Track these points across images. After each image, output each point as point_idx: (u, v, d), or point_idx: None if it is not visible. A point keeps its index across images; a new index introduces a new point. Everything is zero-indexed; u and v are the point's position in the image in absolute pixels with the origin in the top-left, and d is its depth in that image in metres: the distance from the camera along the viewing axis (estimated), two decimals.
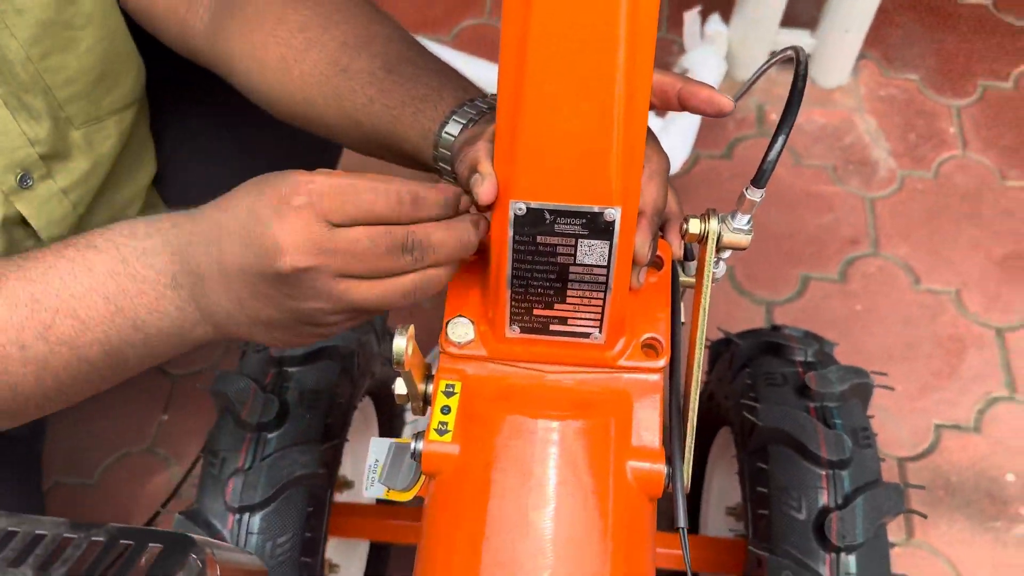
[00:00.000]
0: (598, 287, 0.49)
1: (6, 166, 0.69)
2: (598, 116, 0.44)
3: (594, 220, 0.47)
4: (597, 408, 0.52)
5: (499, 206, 0.48)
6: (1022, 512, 1.17)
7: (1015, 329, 1.32)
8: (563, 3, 0.41)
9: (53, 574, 0.32)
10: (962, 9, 1.71)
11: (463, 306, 0.54)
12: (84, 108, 0.74)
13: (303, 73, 0.64)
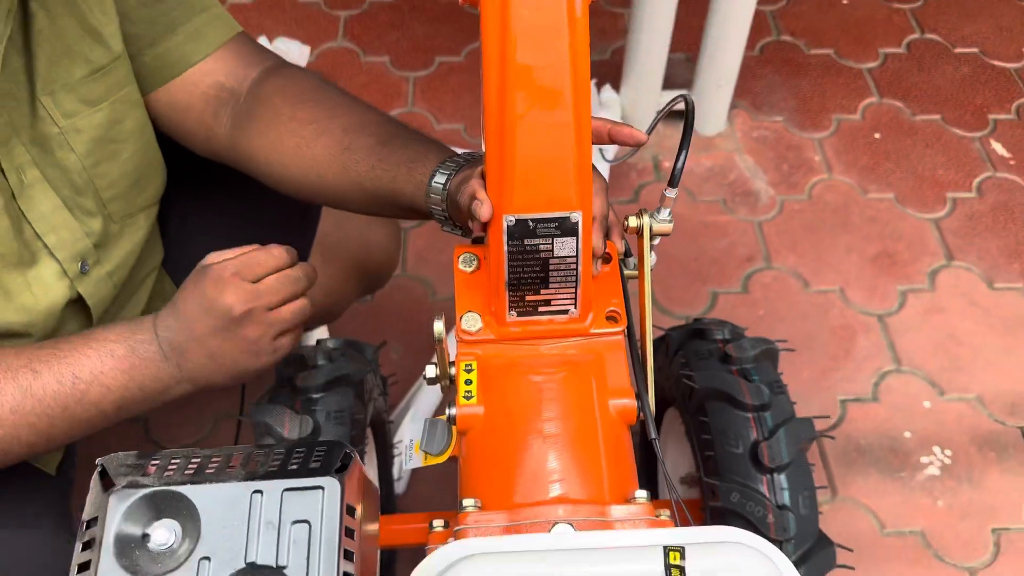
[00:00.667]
0: (571, 273, 0.68)
1: (71, 256, 0.84)
2: (560, 149, 0.64)
3: (564, 222, 0.66)
4: (580, 364, 0.71)
5: (494, 222, 0.67)
6: (922, 461, 1.40)
7: (892, 314, 1.57)
8: (530, 78, 0.61)
9: (259, 471, 0.48)
10: (811, 58, 2.03)
11: (470, 303, 0.72)
12: (122, 206, 0.90)
13: (315, 155, 0.82)
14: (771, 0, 2.16)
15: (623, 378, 0.71)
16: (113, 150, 0.86)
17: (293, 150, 0.83)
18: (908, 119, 1.91)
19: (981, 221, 1.72)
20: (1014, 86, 1.99)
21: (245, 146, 0.86)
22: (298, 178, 0.84)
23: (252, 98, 0.86)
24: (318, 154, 0.82)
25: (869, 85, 1.98)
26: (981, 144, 1.86)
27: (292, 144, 0.83)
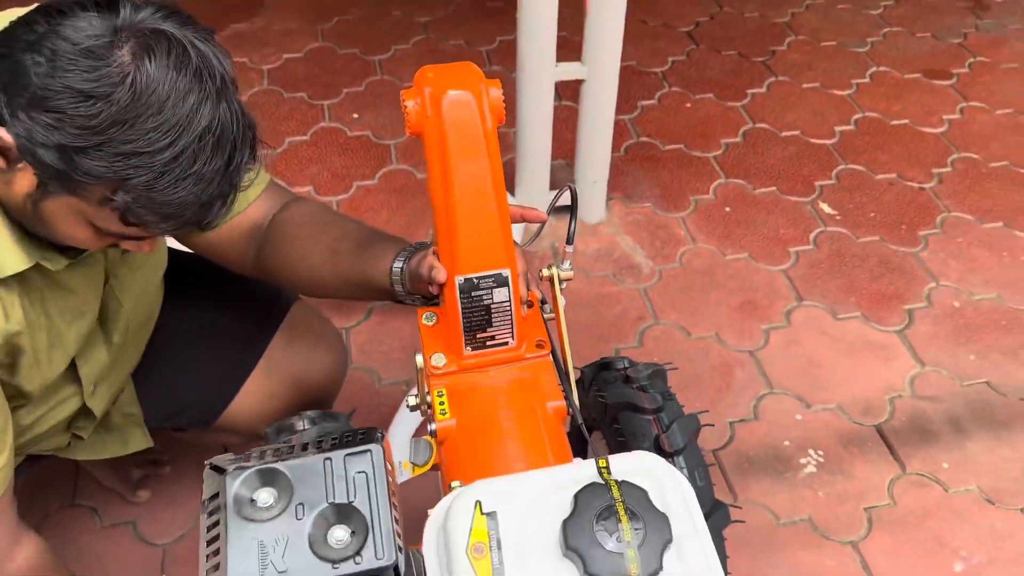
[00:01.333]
0: (507, 313, 0.95)
1: (91, 381, 1.07)
2: (490, 227, 0.92)
3: (498, 277, 0.94)
4: (522, 381, 0.97)
5: (449, 284, 0.93)
6: (801, 462, 1.69)
7: (760, 349, 1.90)
8: (463, 181, 0.90)
9: (325, 447, 0.71)
10: (667, 153, 2.42)
11: (435, 347, 0.98)
12: (139, 335, 1.13)
13: (312, 262, 1.08)
14: (628, 110, 2.57)
15: (554, 387, 0.97)
16: (145, 301, 1.10)
17: (298, 260, 1.09)
18: (751, 193, 2.31)
19: (820, 267, 2.10)
20: (832, 157, 2.43)
21: (266, 264, 1.13)
22: (303, 279, 1.11)
23: (270, 227, 1.12)
24: (314, 262, 1.08)
25: (716, 169, 2.38)
26: (812, 206, 2.27)
27: (297, 256, 1.09)
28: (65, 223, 0.84)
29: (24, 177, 0.80)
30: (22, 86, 0.75)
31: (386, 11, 3.00)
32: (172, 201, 0.80)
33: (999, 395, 1.83)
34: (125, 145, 0.76)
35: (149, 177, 0.78)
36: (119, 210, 0.80)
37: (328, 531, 0.68)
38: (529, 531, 0.69)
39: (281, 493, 0.70)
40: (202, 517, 0.70)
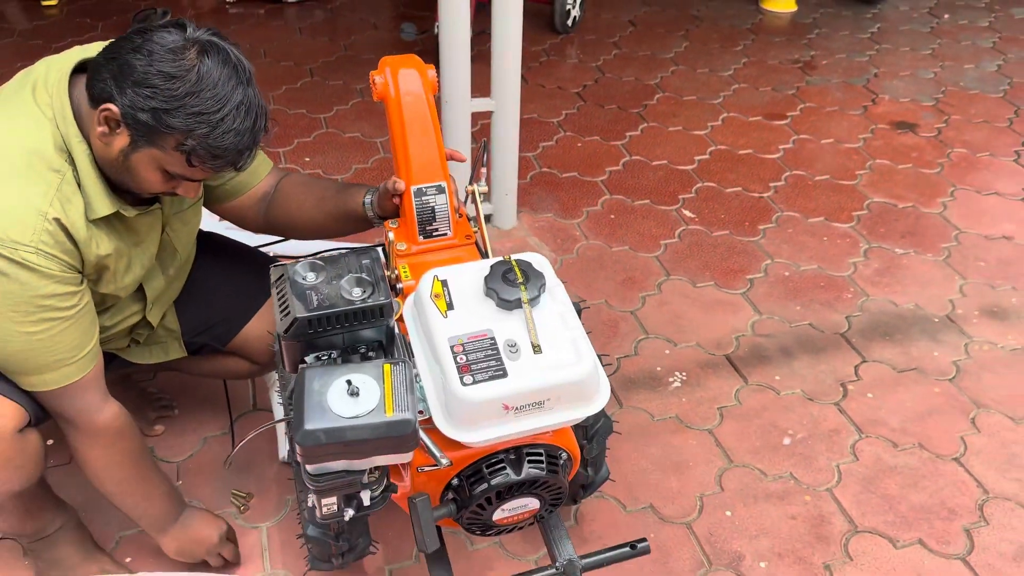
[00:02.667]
0: (445, 212, 1.47)
1: (151, 299, 1.55)
2: (432, 153, 1.46)
3: (439, 187, 1.46)
4: (455, 256, 1.48)
5: (406, 192, 1.46)
6: (669, 380, 2.22)
7: (639, 310, 2.45)
8: (413, 126, 1.44)
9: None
10: (564, 179, 3.02)
11: (399, 236, 1.49)
12: (181, 271, 1.62)
13: (306, 211, 1.60)
14: (532, 149, 3.18)
15: (477, 258, 1.49)
16: (189, 247, 1.60)
17: (296, 212, 1.62)
18: (630, 204, 2.91)
19: (683, 253, 2.69)
20: (692, 178, 3.06)
21: (273, 219, 1.65)
22: (301, 224, 1.63)
23: (273, 195, 1.65)
24: (307, 210, 1.60)
25: (603, 189, 2.98)
26: (676, 212, 2.88)
27: (295, 209, 1.62)
28: (145, 170, 1.32)
29: (121, 138, 1.29)
30: (128, 74, 1.25)
31: (326, 80, 3.59)
32: (221, 146, 1.28)
33: (818, 331, 2.42)
34: (193, 108, 1.26)
35: (207, 130, 1.26)
36: (187, 153, 1.27)
37: (352, 290, 1.17)
38: (464, 286, 1.21)
39: (319, 272, 1.19)
40: (273, 292, 1.19)
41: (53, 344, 1.31)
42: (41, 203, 1.26)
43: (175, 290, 1.67)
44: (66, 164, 1.30)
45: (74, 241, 1.30)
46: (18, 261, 1.23)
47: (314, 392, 1.03)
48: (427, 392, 1.15)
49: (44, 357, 1.31)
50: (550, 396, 1.11)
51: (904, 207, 2.96)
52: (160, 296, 1.61)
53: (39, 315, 1.28)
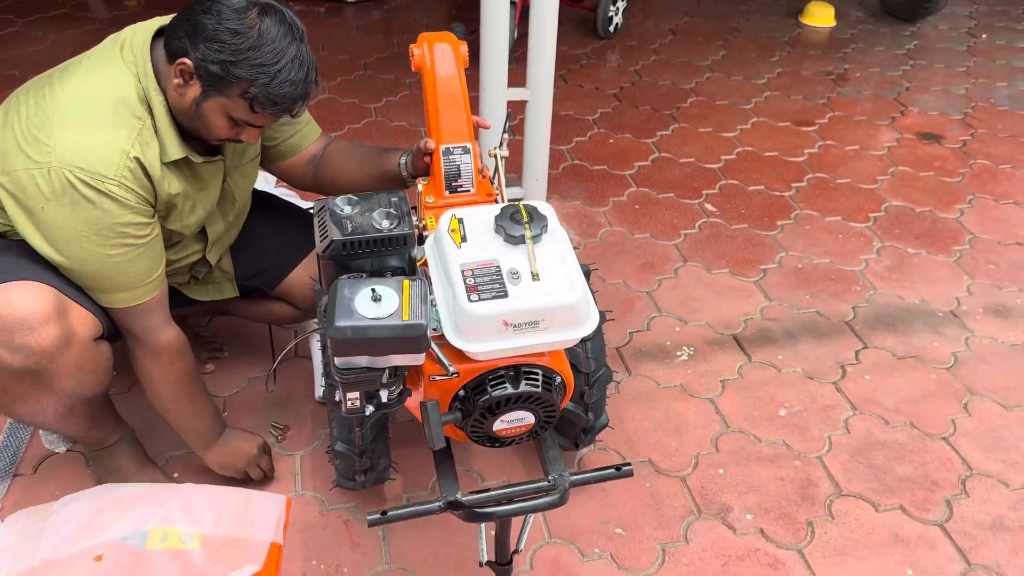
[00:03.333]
0: (470, 170, 1.67)
1: (212, 239, 1.77)
2: (460, 118, 1.65)
3: (465, 148, 1.66)
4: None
5: (436, 151, 1.65)
6: (677, 354, 2.38)
7: (654, 291, 2.61)
8: (445, 95, 1.64)
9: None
10: (593, 171, 3.20)
11: (428, 191, 1.68)
12: (239, 217, 1.83)
13: (349, 171, 1.82)
14: (565, 143, 3.37)
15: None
16: (246, 197, 1.81)
17: (339, 172, 1.84)
18: (655, 197, 3.08)
19: (701, 243, 2.85)
20: (717, 176, 3.22)
21: (320, 178, 1.88)
22: (343, 182, 1.84)
23: (321, 159, 1.88)
24: (350, 172, 1.83)
25: (630, 182, 3.16)
26: (699, 206, 3.04)
27: (339, 170, 1.84)
28: (214, 116, 1.52)
29: (193, 88, 1.50)
30: (200, 32, 1.45)
31: (378, 74, 3.83)
32: (279, 94, 1.47)
33: (824, 318, 2.56)
34: (255, 60, 1.45)
35: (267, 79, 1.46)
36: (250, 100, 1.47)
37: (381, 221, 1.37)
38: (477, 224, 1.40)
39: (355, 206, 1.39)
40: (315, 220, 1.39)
41: (127, 267, 1.53)
42: (125, 144, 1.47)
43: (232, 236, 1.88)
44: (146, 113, 1.51)
45: (150, 179, 1.52)
46: (103, 191, 1.44)
47: (344, 297, 1.22)
48: (440, 312, 1.34)
49: (119, 278, 1.53)
50: (544, 317, 1.29)
51: (921, 211, 3.07)
52: (219, 239, 1.82)
53: (117, 240, 1.49)
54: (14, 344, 1.45)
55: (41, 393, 1.54)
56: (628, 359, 2.36)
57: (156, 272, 1.59)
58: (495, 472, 1.99)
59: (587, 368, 1.72)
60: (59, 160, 1.41)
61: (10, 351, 1.45)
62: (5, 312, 1.44)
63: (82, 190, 1.42)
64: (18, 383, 1.51)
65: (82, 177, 1.42)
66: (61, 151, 1.42)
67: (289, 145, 1.85)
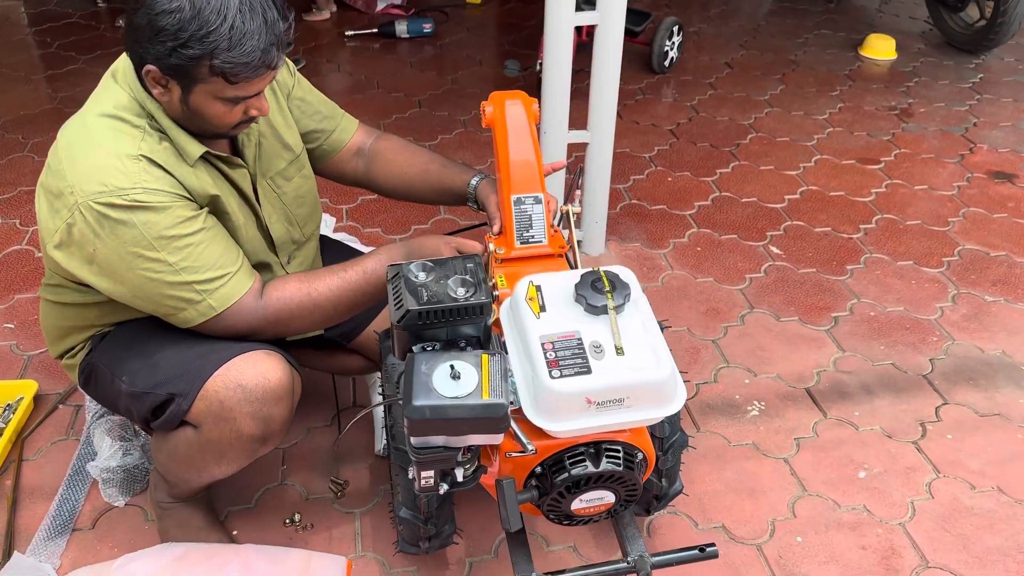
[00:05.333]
0: (541, 221, 1.60)
1: (284, 252, 1.72)
2: (532, 170, 1.60)
3: (536, 198, 1.60)
4: (549, 268, 1.61)
5: (507, 200, 1.60)
6: (747, 409, 2.28)
7: (720, 339, 2.52)
8: (518, 147, 1.59)
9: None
10: (652, 212, 3.12)
11: (499, 243, 1.62)
12: (307, 229, 1.78)
13: (410, 176, 1.79)
14: (623, 181, 3.30)
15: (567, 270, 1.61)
16: (300, 200, 1.76)
17: (399, 174, 1.80)
18: (717, 238, 2.99)
19: (768, 288, 2.75)
20: (781, 216, 3.12)
21: (372, 178, 1.84)
22: (399, 188, 1.82)
23: (371, 152, 1.84)
24: (411, 176, 1.79)
25: (691, 222, 3.07)
26: (763, 248, 2.95)
27: (398, 172, 1.80)
28: (207, 107, 1.43)
29: (174, 89, 1.41)
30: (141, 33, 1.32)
31: (433, 111, 3.80)
32: (244, 52, 1.34)
33: (901, 372, 2.44)
34: (201, 31, 1.32)
35: (224, 44, 1.32)
36: (219, 72, 1.36)
37: (457, 289, 1.31)
38: (556, 292, 1.33)
39: (430, 273, 1.33)
40: (389, 287, 1.34)
41: (201, 259, 1.44)
42: (130, 148, 1.42)
43: (308, 252, 1.82)
44: (146, 120, 1.46)
45: (167, 171, 1.44)
46: (133, 204, 1.38)
47: (421, 373, 1.16)
48: (518, 385, 1.27)
49: (202, 274, 1.45)
50: (629, 395, 1.21)
51: (996, 255, 2.94)
52: (291, 250, 1.75)
53: (173, 245, 1.42)
54: (262, 414, 1.49)
55: (249, 456, 1.57)
56: (696, 414, 2.27)
57: (238, 260, 1.51)
58: (560, 536, 1.91)
59: (662, 433, 1.64)
60: (82, 196, 1.37)
61: (256, 421, 1.49)
62: (262, 383, 1.47)
63: (114, 215, 1.38)
64: (240, 448, 1.53)
65: (107, 201, 1.37)
66: (79, 186, 1.38)
67: (332, 142, 1.83)
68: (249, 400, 1.48)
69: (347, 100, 3.84)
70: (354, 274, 1.56)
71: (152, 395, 1.54)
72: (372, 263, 1.58)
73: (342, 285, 1.57)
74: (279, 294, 1.55)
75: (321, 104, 1.81)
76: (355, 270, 1.57)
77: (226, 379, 1.48)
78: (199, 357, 1.52)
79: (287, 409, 1.55)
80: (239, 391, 1.48)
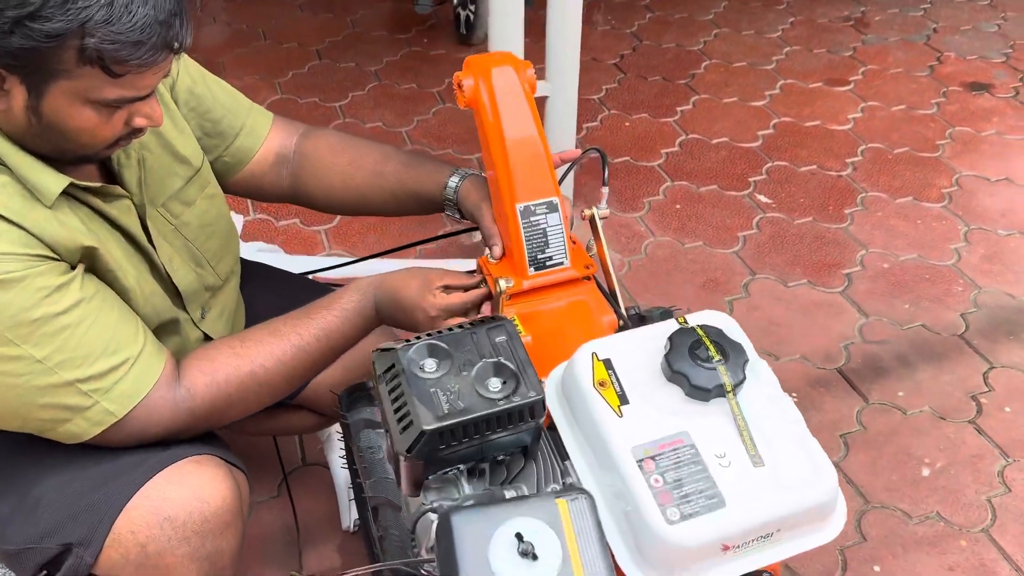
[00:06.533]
0: (559, 235, 1.14)
1: (195, 304, 1.20)
2: (539, 164, 1.12)
3: (550, 204, 1.13)
4: (577, 301, 1.15)
5: (511, 212, 1.12)
6: None
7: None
8: (517, 131, 1.11)
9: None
10: (616, 165, 2.68)
11: (501, 271, 1.16)
12: (222, 268, 1.26)
13: (358, 183, 1.27)
14: (576, 132, 2.83)
15: (604, 305, 1.16)
16: (208, 230, 1.23)
17: (341, 184, 1.28)
18: (696, 192, 2.58)
19: (765, 247, 2.37)
20: (759, 157, 2.73)
21: (303, 190, 1.32)
22: (346, 201, 1.31)
23: (299, 156, 1.31)
24: (360, 182, 1.28)
25: (662, 174, 2.65)
26: (750, 198, 2.55)
27: (339, 180, 1.28)
28: (69, 115, 0.93)
29: (14, 92, 0.91)
30: None
31: (336, 63, 3.22)
32: (134, 26, 0.86)
33: (933, 333, 2.11)
34: None
35: (103, 12, 0.86)
36: (94, 58, 0.87)
37: (486, 382, 0.85)
38: (633, 366, 0.88)
39: (442, 360, 0.86)
40: (382, 388, 0.86)
41: (86, 347, 0.98)
42: None
43: (227, 300, 1.31)
44: None
45: (13, 223, 0.95)
46: None
47: (468, 549, 0.71)
48: (600, 510, 0.83)
49: (89, 367, 0.98)
50: (781, 526, 0.79)
51: (997, 180, 2.64)
52: (197, 294, 1.22)
53: (37, 333, 0.95)
54: (204, 552, 1.02)
55: None
56: None
57: (138, 336, 1.03)
58: None
59: None
60: None
61: (198, 562, 1.02)
62: (199, 508, 1.02)
63: None
64: None
65: None
66: None
67: (237, 150, 1.29)
68: (183, 537, 1.02)
69: (229, 58, 3.21)
70: (314, 330, 1.10)
71: (37, 550, 1.04)
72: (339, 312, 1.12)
73: (298, 350, 1.09)
74: (207, 377, 1.06)
75: (219, 96, 1.27)
76: (314, 325, 1.10)
77: (145, 512, 1.01)
78: (100, 483, 1.04)
79: (237, 535, 1.08)
80: (167, 526, 1.01)
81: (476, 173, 1.25)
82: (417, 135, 2.79)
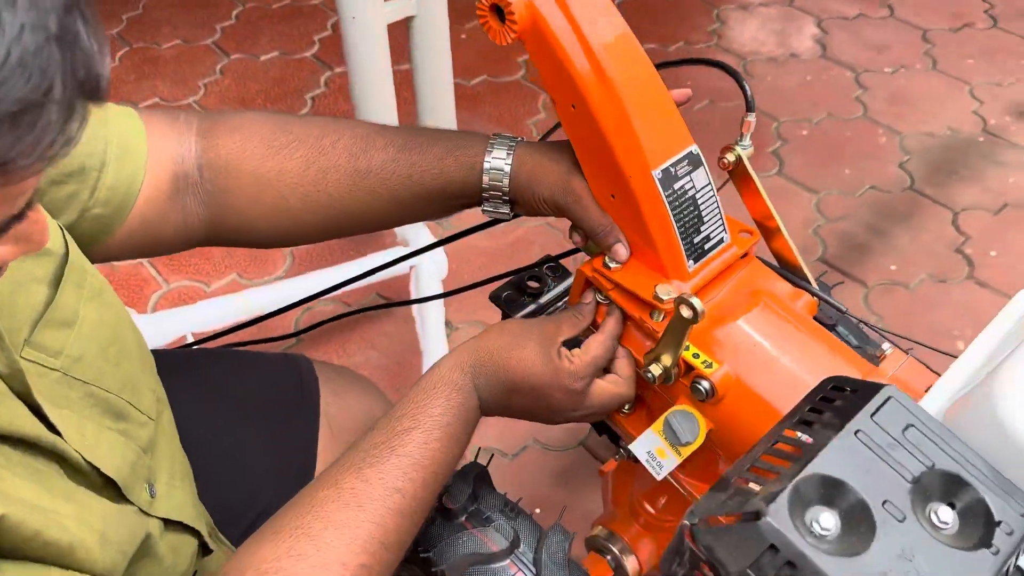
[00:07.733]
0: (712, 200, 0.74)
1: (136, 482, 0.68)
2: (666, 103, 0.71)
3: (691, 156, 0.72)
4: (756, 293, 0.75)
5: (648, 186, 0.70)
6: None
7: None
8: (622, 61, 0.67)
9: None
10: (477, 90, 2.24)
11: (643, 279, 0.74)
12: (145, 404, 0.72)
13: (331, 195, 0.75)
14: None
15: (782, 283, 0.78)
16: (116, 352, 0.68)
17: (300, 202, 0.75)
18: None
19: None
20: None
21: (232, 224, 0.77)
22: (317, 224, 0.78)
23: (211, 172, 0.75)
24: (333, 193, 0.75)
25: (527, 86, 2.25)
26: None
27: (298, 197, 0.75)
28: None
29: None
30: None
31: None
32: (11, 96, 0.38)
33: (885, 192, 1.95)
34: None
35: None
36: None
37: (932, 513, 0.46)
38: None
39: (839, 500, 0.46)
40: None
41: None
42: None
43: (164, 444, 0.75)
44: None
45: None
46: None
47: None
48: None
49: None
50: None
51: (855, 17, 2.51)
52: (137, 470, 0.68)
53: None
54: None
55: None
56: None
57: None
58: None
59: None
60: None
61: None
62: None
63: None
64: None
65: None
66: None
67: (114, 186, 0.71)
68: None
69: None
70: (411, 482, 0.64)
71: None
72: (438, 427, 0.67)
73: (396, 526, 0.62)
74: None
75: None
76: (411, 470, 0.64)
77: None
78: None
79: None
80: None
81: (523, 140, 0.79)
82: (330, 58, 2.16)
